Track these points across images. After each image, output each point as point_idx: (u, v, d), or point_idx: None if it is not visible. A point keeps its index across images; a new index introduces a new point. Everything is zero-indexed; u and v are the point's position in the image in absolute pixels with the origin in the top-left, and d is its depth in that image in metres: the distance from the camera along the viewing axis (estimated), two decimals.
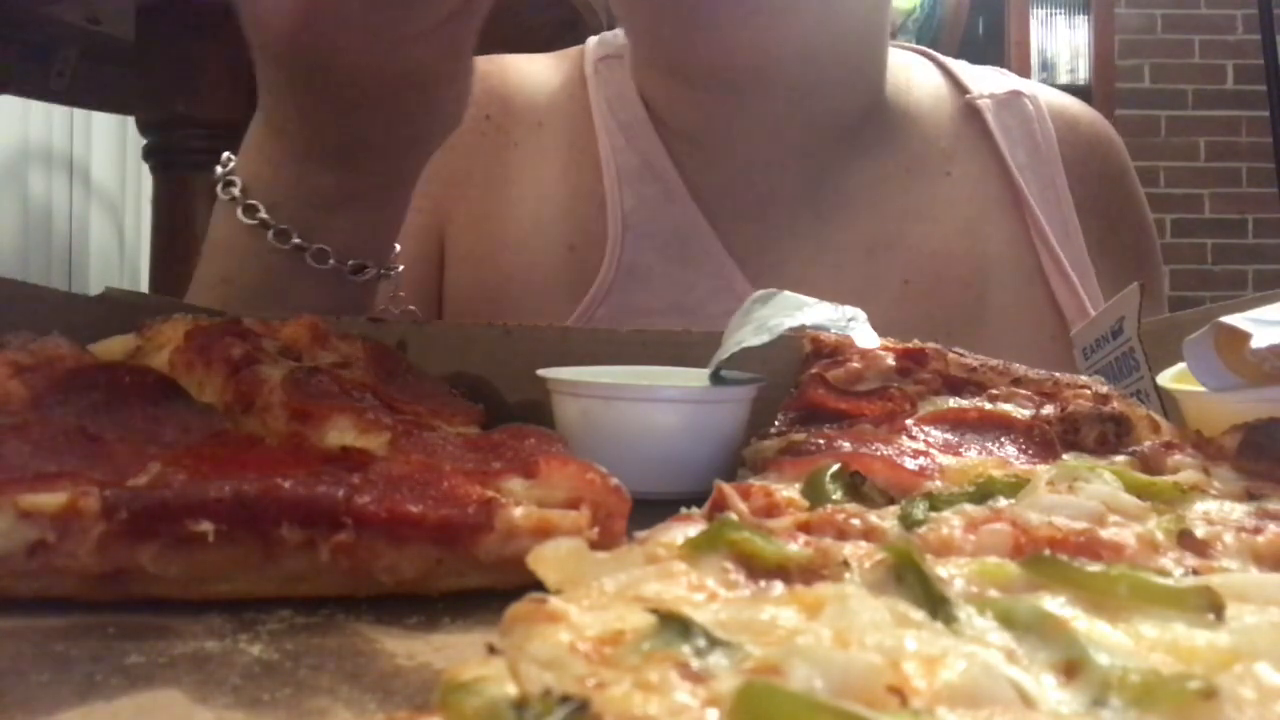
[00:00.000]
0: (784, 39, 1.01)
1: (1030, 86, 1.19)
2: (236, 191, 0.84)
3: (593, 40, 1.20)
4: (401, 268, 0.92)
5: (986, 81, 1.18)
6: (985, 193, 1.11)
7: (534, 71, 1.18)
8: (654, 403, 0.64)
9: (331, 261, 0.84)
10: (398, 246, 0.92)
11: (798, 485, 0.46)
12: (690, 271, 1.05)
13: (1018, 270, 1.09)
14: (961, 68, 1.20)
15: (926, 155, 1.12)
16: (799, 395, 0.63)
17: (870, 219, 1.08)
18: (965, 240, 1.09)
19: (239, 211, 0.83)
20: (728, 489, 0.43)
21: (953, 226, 1.09)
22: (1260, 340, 0.57)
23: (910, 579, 0.32)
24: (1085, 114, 1.22)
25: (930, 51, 1.24)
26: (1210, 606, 0.31)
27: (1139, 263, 1.18)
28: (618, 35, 1.17)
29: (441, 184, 1.10)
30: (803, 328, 0.68)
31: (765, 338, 0.65)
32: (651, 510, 0.43)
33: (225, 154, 0.87)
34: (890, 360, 0.64)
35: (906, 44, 1.24)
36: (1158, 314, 1.04)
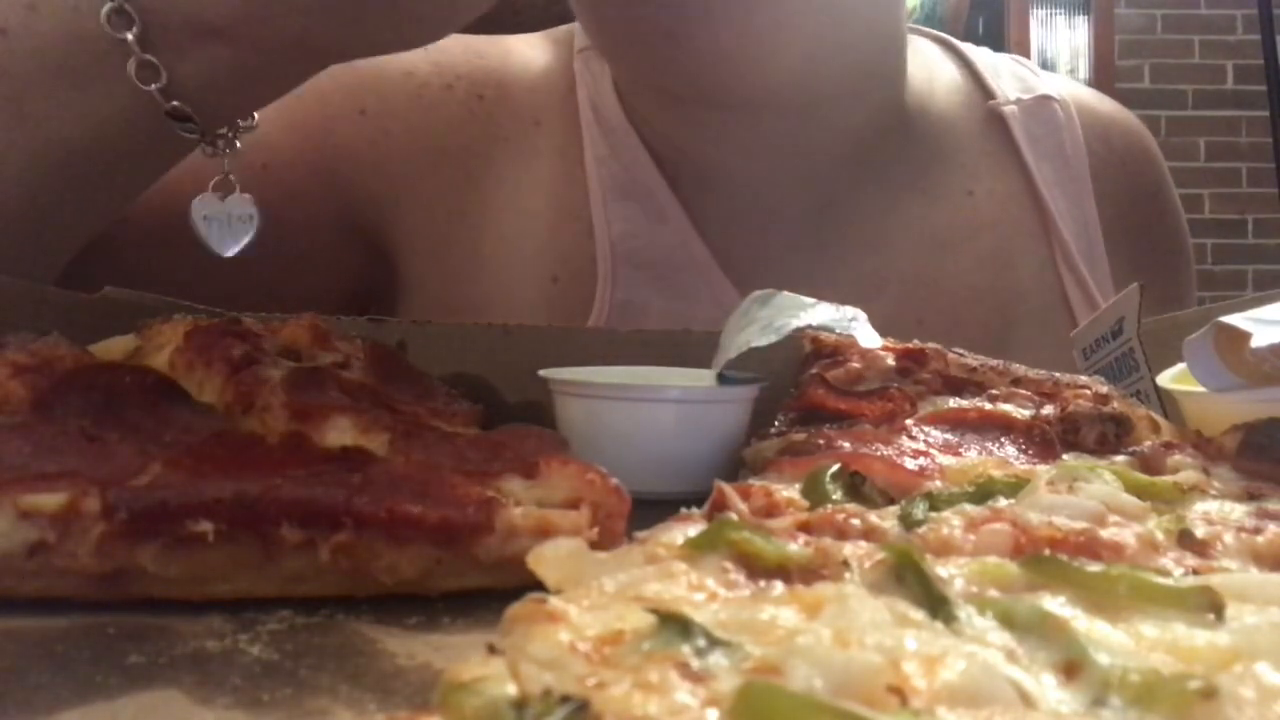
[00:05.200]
0: (782, 60, 0.89)
1: (1059, 88, 1.08)
2: None
3: None
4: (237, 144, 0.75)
5: (1010, 81, 1.07)
6: (1010, 215, 1.01)
7: (533, 58, 1.04)
8: (655, 403, 0.64)
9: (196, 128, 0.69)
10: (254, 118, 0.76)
11: (798, 485, 0.46)
12: (687, 305, 0.94)
13: (1043, 303, 0.99)
14: (982, 62, 1.09)
15: (946, 172, 1.01)
16: (799, 395, 0.63)
17: (884, 250, 0.98)
18: (987, 272, 0.99)
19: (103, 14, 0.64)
20: (728, 489, 0.42)
21: (974, 257, 0.99)
22: (1260, 340, 0.57)
23: (910, 579, 0.32)
24: (1118, 122, 1.11)
25: (948, 39, 1.12)
26: (1210, 606, 0.31)
27: (1170, 280, 1.09)
28: None
29: (407, 136, 0.97)
30: (808, 327, 0.68)
31: (772, 338, 0.65)
32: (651, 510, 0.43)
33: None
34: (890, 360, 0.64)
35: (923, 29, 1.12)
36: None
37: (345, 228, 0.99)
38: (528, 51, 1.05)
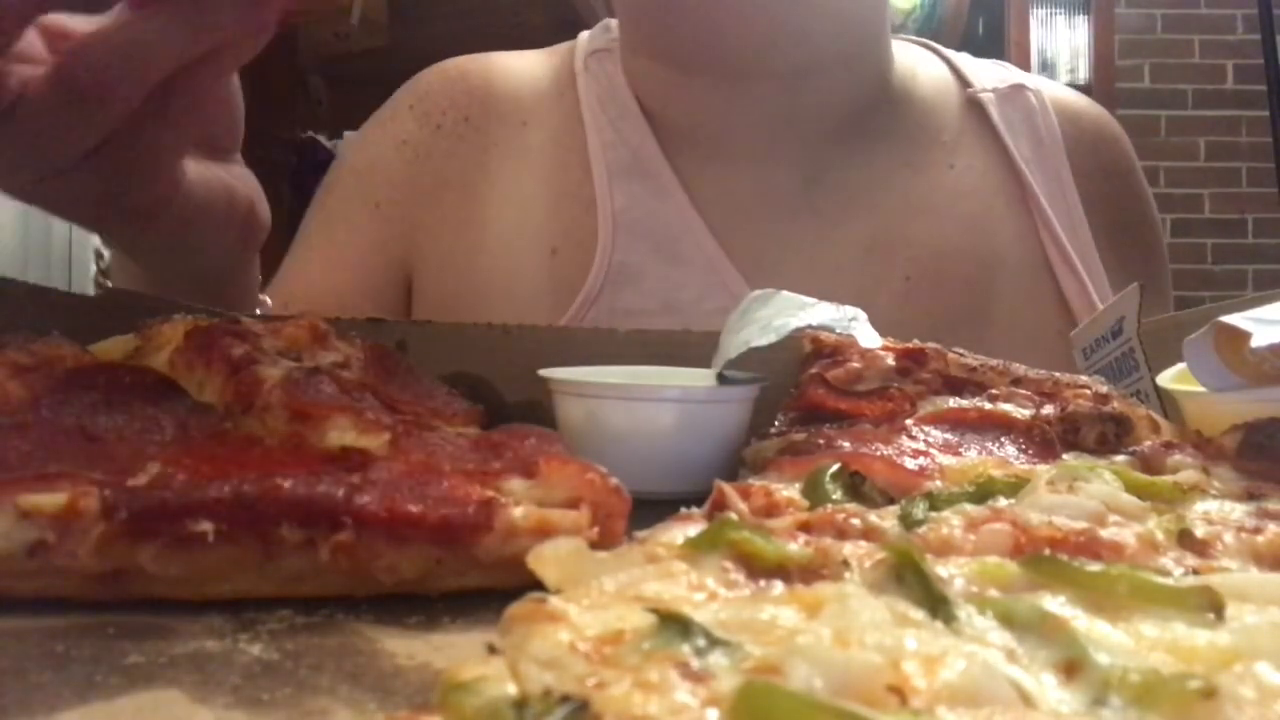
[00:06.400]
0: (776, 22, 1.00)
1: (1033, 80, 1.17)
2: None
3: (584, 35, 1.17)
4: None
5: (989, 75, 1.16)
6: (990, 186, 1.09)
7: (521, 68, 1.15)
8: (654, 403, 0.64)
9: None
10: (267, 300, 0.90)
11: (798, 485, 0.46)
12: (682, 270, 1.02)
13: (1024, 265, 1.06)
14: (964, 61, 1.18)
15: (929, 148, 1.09)
16: (799, 395, 0.63)
17: (871, 215, 1.06)
18: (969, 235, 1.06)
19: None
20: (728, 489, 0.43)
21: (956, 221, 1.06)
22: (1260, 340, 0.57)
23: (910, 579, 0.32)
24: (1089, 110, 1.19)
25: (933, 44, 1.21)
26: (1210, 606, 0.31)
27: (1146, 261, 1.15)
28: (609, 29, 1.14)
29: (411, 191, 1.09)
30: (808, 327, 0.68)
31: (772, 338, 0.65)
32: (651, 510, 0.43)
33: None
34: (890, 360, 0.64)
35: (909, 37, 1.22)
36: (1164, 312, 1.01)
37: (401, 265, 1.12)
38: (514, 63, 1.16)
